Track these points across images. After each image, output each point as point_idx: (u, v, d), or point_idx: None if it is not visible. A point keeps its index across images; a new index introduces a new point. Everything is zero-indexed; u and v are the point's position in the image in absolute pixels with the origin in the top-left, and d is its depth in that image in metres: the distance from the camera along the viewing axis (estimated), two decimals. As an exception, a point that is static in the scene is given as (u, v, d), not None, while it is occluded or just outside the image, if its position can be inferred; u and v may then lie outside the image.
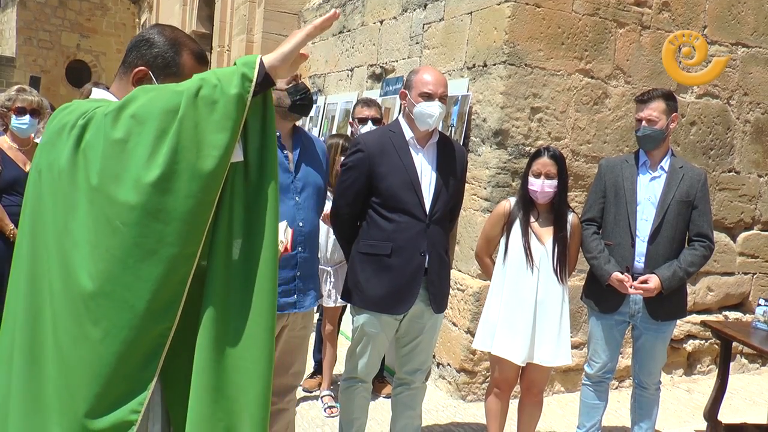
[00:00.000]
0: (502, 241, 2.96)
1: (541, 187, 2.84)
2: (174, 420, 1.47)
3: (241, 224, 1.43)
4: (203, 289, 1.42)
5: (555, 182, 2.85)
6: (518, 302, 2.87)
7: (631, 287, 2.98)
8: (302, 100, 2.48)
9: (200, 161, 1.32)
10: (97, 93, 1.58)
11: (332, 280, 3.75)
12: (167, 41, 1.55)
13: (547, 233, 2.90)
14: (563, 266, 2.90)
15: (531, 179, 2.88)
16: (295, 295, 2.49)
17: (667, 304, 3.05)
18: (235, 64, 1.41)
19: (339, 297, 3.76)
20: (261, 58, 1.40)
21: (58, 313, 1.34)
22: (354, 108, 4.05)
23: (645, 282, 2.98)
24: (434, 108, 2.67)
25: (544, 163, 2.85)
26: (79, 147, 1.34)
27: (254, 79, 1.37)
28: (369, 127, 3.74)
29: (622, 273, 3.02)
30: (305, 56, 1.47)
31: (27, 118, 3.52)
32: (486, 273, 3.11)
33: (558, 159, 2.87)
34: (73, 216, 1.33)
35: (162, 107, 1.31)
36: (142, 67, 1.53)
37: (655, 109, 3.02)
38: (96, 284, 1.30)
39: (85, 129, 1.34)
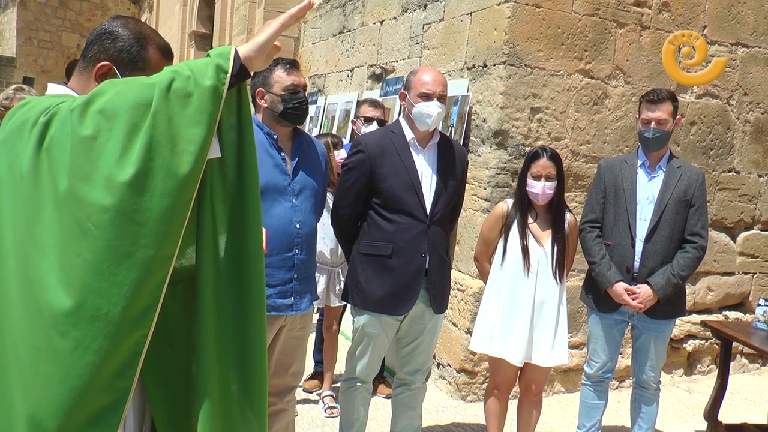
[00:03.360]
0: (500, 242, 2.95)
1: (542, 189, 2.83)
2: (159, 424, 1.44)
3: (223, 223, 1.38)
4: (195, 292, 1.37)
5: (555, 184, 2.85)
6: (517, 304, 2.87)
7: (633, 299, 3.01)
8: (294, 110, 2.46)
9: (176, 158, 1.25)
10: (56, 88, 1.46)
11: (341, 278, 3.73)
12: (132, 35, 1.46)
13: (546, 234, 2.90)
14: (562, 267, 2.91)
15: (531, 181, 2.86)
16: (292, 297, 2.49)
17: (666, 303, 3.05)
18: (208, 55, 1.34)
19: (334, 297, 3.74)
20: (236, 49, 1.33)
21: (15, 324, 1.24)
22: (359, 106, 4.04)
23: (638, 295, 3.01)
24: (432, 108, 2.67)
25: (544, 165, 2.84)
26: (41, 146, 1.25)
27: (230, 71, 1.30)
28: (374, 127, 3.75)
29: (625, 281, 3.04)
30: (279, 47, 1.40)
31: None
32: (483, 277, 3.10)
33: (556, 160, 2.87)
34: (37, 220, 1.23)
35: (132, 101, 1.24)
36: (106, 62, 1.44)
37: (665, 112, 3.02)
38: (66, 292, 1.20)
39: (47, 126, 1.25)
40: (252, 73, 1.39)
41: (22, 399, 1.23)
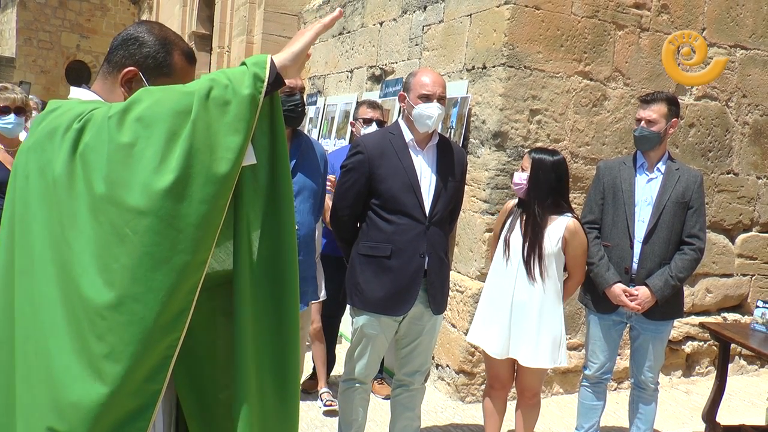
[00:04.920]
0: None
1: (514, 179, 2.94)
2: (191, 424, 1.45)
3: (255, 226, 1.39)
4: (233, 297, 1.38)
5: (525, 175, 2.87)
6: (497, 295, 2.92)
7: (631, 301, 3.02)
8: (290, 113, 2.46)
9: (215, 165, 1.26)
10: (81, 93, 1.47)
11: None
12: (158, 40, 1.46)
13: None
14: (531, 263, 2.84)
15: None
16: None
17: (664, 304, 3.06)
18: (243, 63, 1.37)
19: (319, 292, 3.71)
20: (271, 58, 1.36)
21: (48, 328, 1.23)
22: (358, 108, 4.05)
23: (636, 297, 3.02)
24: (433, 109, 2.68)
25: (524, 158, 2.94)
26: (75, 152, 1.25)
27: (266, 79, 1.33)
28: (373, 128, 3.75)
29: (623, 282, 3.05)
30: (309, 56, 1.45)
31: (12, 117, 3.34)
32: None
33: (535, 160, 2.85)
34: (72, 225, 1.24)
35: (171, 109, 1.25)
36: (132, 68, 1.44)
37: (655, 111, 3.04)
38: (103, 296, 1.21)
39: (81, 132, 1.26)
40: (286, 82, 1.42)
41: (47, 405, 1.22)
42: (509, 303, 2.87)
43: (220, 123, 1.28)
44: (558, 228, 2.87)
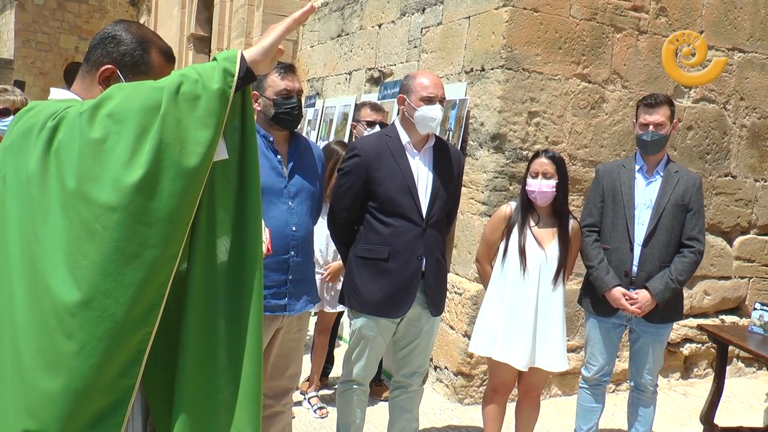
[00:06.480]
0: (502, 245, 2.95)
1: (539, 186, 2.83)
2: (158, 424, 1.44)
3: (222, 224, 1.40)
4: (185, 292, 1.38)
5: (553, 182, 2.83)
6: (519, 307, 2.86)
7: (631, 304, 3.02)
8: (286, 115, 2.47)
9: (184, 159, 1.27)
10: (60, 93, 1.47)
11: (332, 284, 3.74)
12: (135, 38, 1.47)
13: (548, 237, 2.89)
14: (564, 271, 2.90)
15: (529, 180, 2.87)
16: (286, 298, 2.49)
17: (664, 307, 3.06)
18: (214, 59, 1.38)
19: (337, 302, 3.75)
20: (242, 53, 1.37)
21: (19, 327, 1.23)
22: (359, 110, 4.04)
23: (636, 300, 3.02)
24: (436, 111, 2.68)
25: (541, 163, 2.85)
26: (50, 149, 1.26)
27: (236, 74, 1.34)
28: (377, 130, 3.75)
29: (622, 285, 3.05)
30: (282, 51, 1.44)
31: (11, 119, 3.24)
32: (483, 279, 3.09)
33: (556, 160, 2.86)
34: (43, 222, 1.24)
35: (141, 104, 1.25)
36: (110, 66, 1.44)
37: (663, 115, 3.04)
38: (72, 293, 1.20)
39: (55, 130, 1.27)
40: (257, 76, 1.41)
41: (21, 405, 1.22)
42: (533, 314, 2.85)
43: (189, 118, 1.29)
44: None
